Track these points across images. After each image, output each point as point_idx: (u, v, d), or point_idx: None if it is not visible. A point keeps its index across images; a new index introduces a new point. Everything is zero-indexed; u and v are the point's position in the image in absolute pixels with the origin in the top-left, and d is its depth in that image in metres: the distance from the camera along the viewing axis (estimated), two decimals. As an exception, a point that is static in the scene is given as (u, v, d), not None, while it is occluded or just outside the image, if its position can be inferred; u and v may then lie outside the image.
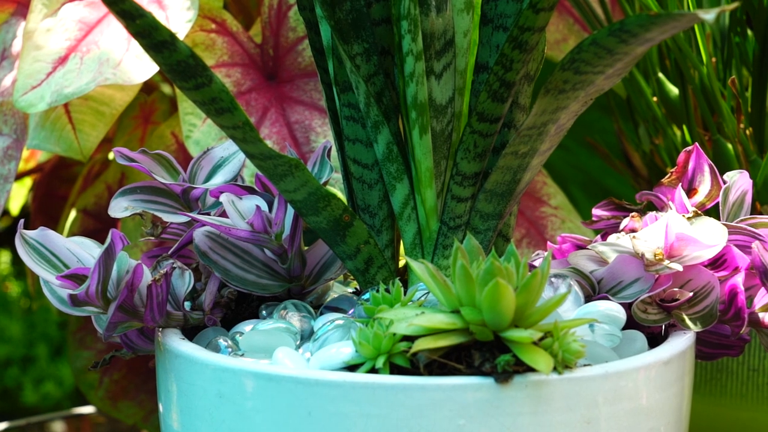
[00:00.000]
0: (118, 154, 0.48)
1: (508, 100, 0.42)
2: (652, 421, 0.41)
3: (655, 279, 0.44)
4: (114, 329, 0.44)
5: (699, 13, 0.34)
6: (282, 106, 0.56)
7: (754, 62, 0.59)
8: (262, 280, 0.46)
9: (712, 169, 0.48)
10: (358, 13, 0.43)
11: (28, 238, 0.45)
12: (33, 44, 0.54)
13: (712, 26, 0.61)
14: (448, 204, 0.44)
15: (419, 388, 0.37)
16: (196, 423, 0.42)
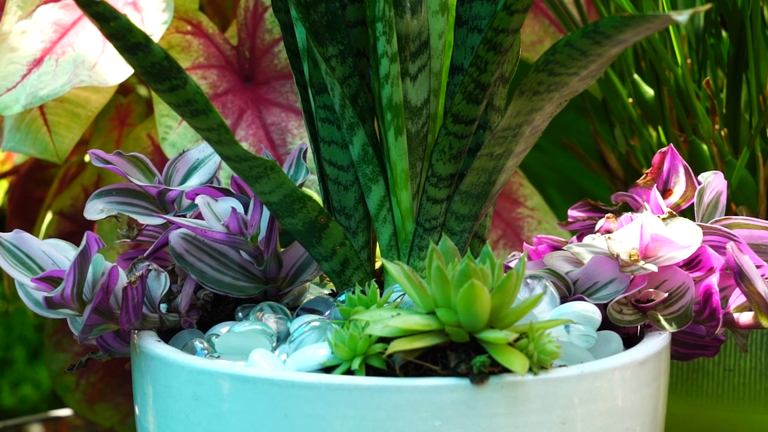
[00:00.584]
0: (93, 156, 0.48)
1: (483, 101, 0.42)
2: (628, 421, 0.41)
3: (631, 280, 0.44)
4: (90, 332, 0.44)
5: (672, 14, 0.34)
6: (258, 108, 0.56)
7: (728, 63, 0.59)
8: (238, 282, 0.46)
9: (687, 170, 0.48)
10: (333, 15, 0.43)
11: (2, 241, 0.44)
12: (8, 46, 0.53)
13: (687, 28, 0.61)
14: (423, 205, 0.44)
15: (395, 389, 0.37)
16: (173, 425, 0.42)
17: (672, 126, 0.61)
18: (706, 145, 0.60)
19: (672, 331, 0.44)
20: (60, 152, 0.57)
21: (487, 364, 0.37)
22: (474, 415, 0.37)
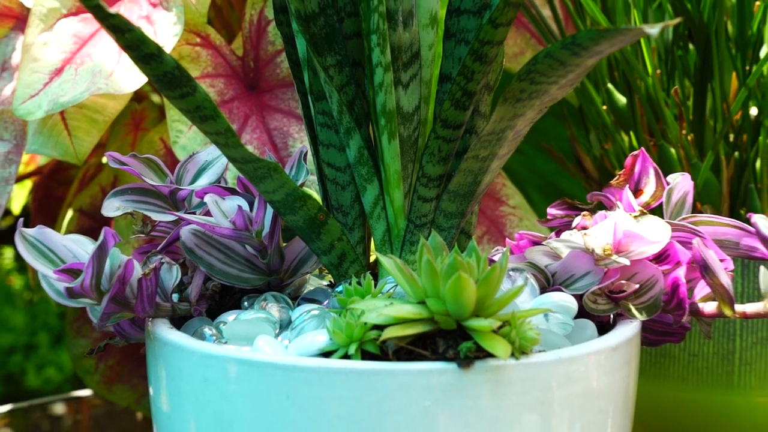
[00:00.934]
0: (110, 158, 0.48)
1: (469, 108, 0.42)
2: (602, 402, 0.41)
3: (604, 272, 0.44)
4: (107, 319, 0.44)
5: (644, 27, 0.34)
6: (262, 114, 0.56)
7: (695, 74, 0.59)
8: (244, 274, 0.46)
9: (657, 171, 0.48)
10: (331, 28, 0.43)
11: (27, 236, 0.44)
12: (31, 57, 0.53)
13: (657, 40, 0.61)
14: (414, 204, 0.44)
15: (388, 372, 0.37)
16: (184, 405, 0.42)
17: (643, 131, 0.61)
18: (674, 148, 0.60)
19: (642, 319, 0.44)
20: (79, 154, 0.56)
21: (473, 349, 0.37)
22: (461, 397, 0.37)
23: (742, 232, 0.46)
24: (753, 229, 0.45)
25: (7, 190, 0.57)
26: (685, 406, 0.59)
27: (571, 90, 0.42)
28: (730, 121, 0.58)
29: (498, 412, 0.38)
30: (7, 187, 0.57)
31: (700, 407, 0.59)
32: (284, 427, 0.38)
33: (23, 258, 0.44)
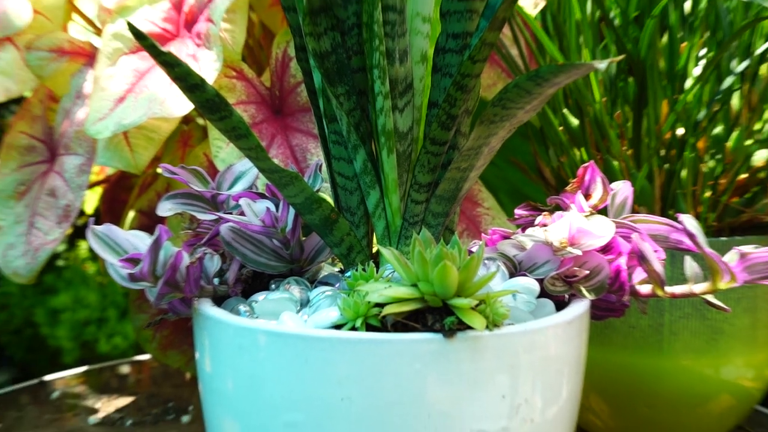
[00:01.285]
0: (164, 169, 0.48)
1: (452, 128, 0.42)
2: (559, 365, 0.41)
3: (561, 261, 0.44)
4: (162, 299, 0.43)
5: (594, 63, 0.34)
6: (286, 134, 0.56)
7: (633, 101, 0.59)
8: (271, 262, 0.46)
9: (603, 180, 0.48)
10: (341, 64, 0.43)
11: (97, 232, 0.44)
12: (99, 87, 0.53)
13: (603, 74, 0.61)
14: (408, 206, 0.44)
15: (387, 341, 0.37)
16: (223, 367, 0.41)
17: (591, 147, 0.62)
18: (616, 161, 0.60)
19: (591, 298, 0.44)
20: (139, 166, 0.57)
21: (455, 323, 0.37)
22: (445, 361, 0.37)
23: (671, 229, 0.46)
24: (680, 226, 0.45)
25: (81, 194, 0.57)
26: (625, 369, 0.59)
27: (534, 114, 0.42)
28: (661, 140, 0.58)
29: (475, 373, 0.38)
30: (81, 192, 0.57)
31: (637, 369, 0.59)
32: (304, 385, 0.38)
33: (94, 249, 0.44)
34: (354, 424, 0.38)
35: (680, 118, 0.58)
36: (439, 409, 0.38)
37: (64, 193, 0.58)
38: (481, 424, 0.38)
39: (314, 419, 0.38)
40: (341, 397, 0.38)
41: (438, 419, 0.38)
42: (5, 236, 0.59)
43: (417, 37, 0.44)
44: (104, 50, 0.55)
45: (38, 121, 0.63)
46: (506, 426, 0.39)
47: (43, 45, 0.60)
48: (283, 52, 0.58)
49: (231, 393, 0.41)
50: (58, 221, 0.58)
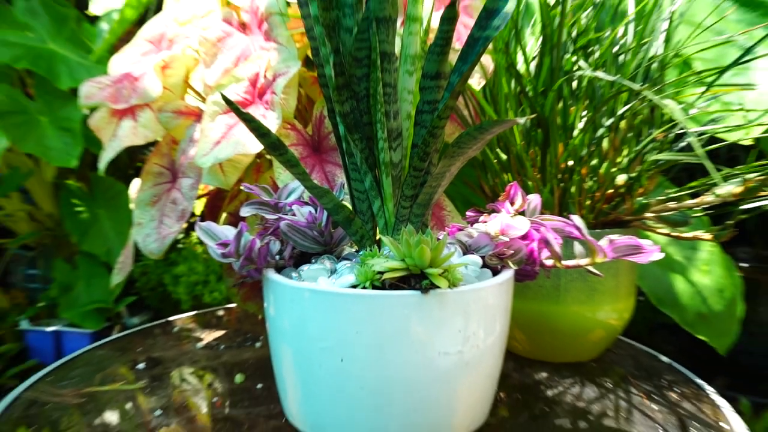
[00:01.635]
0: (245, 186, 0.48)
1: (427, 160, 0.42)
2: (494, 311, 0.41)
3: (496, 245, 0.44)
4: (243, 269, 0.43)
5: (518, 119, 0.33)
6: (321, 164, 0.56)
7: (541, 144, 0.59)
8: (312, 245, 0.46)
9: (522, 193, 0.48)
10: (356, 120, 0.43)
11: (201, 226, 0.44)
12: (204, 135, 0.53)
13: (522, 126, 0.61)
14: (399, 210, 0.44)
15: (385, 295, 0.37)
16: (281, 312, 0.41)
17: (514, 173, 0.61)
18: (530, 182, 0.59)
19: (515, 268, 0.44)
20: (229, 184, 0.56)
21: (429, 284, 0.37)
22: (422, 308, 0.37)
23: (565, 224, 0.45)
24: (571, 222, 0.45)
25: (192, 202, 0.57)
26: (535, 312, 0.59)
27: (479, 151, 0.42)
28: (558, 168, 0.58)
29: (441, 315, 0.38)
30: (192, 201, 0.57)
31: (543, 313, 0.59)
32: (332, 323, 0.38)
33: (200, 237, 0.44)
34: (364, 348, 0.38)
35: (570, 155, 0.58)
36: (418, 339, 0.37)
37: (181, 201, 0.58)
38: (445, 348, 0.38)
39: (338, 345, 0.38)
40: (356, 331, 0.37)
41: (417, 345, 0.38)
42: (144, 229, 0.59)
43: (404, 103, 0.44)
44: (207, 111, 0.54)
45: (165, 156, 0.62)
46: (461, 350, 0.39)
47: (169, 108, 0.60)
48: (320, 113, 0.58)
49: (286, 328, 0.41)
50: (177, 219, 0.57)
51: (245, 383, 0.56)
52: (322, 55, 0.43)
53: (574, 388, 0.55)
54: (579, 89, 0.59)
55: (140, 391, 0.55)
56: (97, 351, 0.66)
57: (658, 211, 0.59)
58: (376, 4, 0.41)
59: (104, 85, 0.61)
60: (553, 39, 0.56)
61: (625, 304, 0.60)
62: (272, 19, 0.57)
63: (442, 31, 0.40)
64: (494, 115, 0.58)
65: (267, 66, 0.55)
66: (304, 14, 0.44)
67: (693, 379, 0.58)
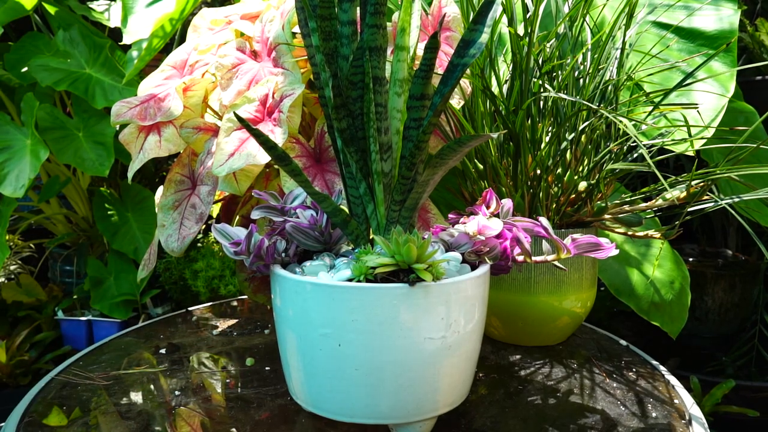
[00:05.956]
0: (255, 192, 0.47)
1: (414, 170, 0.42)
2: (473, 300, 0.41)
3: (474, 243, 0.44)
4: (253, 264, 0.43)
5: (491, 134, 0.33)
6: (322, 173, 0.55)
7: (513, 155, 0.59)
8: (314, 244, 0.46)
9: (497, 198, 0.48)
10: (353, 134, 0.43)
11: (217, 227, 0.44)
12: (220, 148, 0.53)
13: (496, 140, 0.61)
14: (389, 213, 0.44)
15: (377, 288, 0.37)
16: (286, 302, 0.41)
17: (489, 180, 0.61)
18: (504, 188, 0.59)
19: (491, 263, 0.44)
20: (241, 191, 0.56)
21: (415, 277, 0.37)
22: (409, 298, 0.37)
23: (535, 224, 0.45)
24: (539, 223, 0.45)
25: (209, 207, 0.57)
26: (509, 302, 0.59)
27: (459, 161, 0.42)
28: (528, 176, 0.58)
29: (426, 305, 0.37)
30: (209, 206, 0.57)
31: (516, 302, 0.59)
32: (331, 312, 0.38)
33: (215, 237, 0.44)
34: (359, 334, 0.37)
35: (538, 165, 0.58)
36: (405, 326, 0.37)
37: (199, 206, 0.57)
38: (430, 334, 0.38)
39: (336, 331, 0.38)
40: (352, 319, 0.37)
41: (405, 332, 0.37)
42: (167, 230, 0.58)
43: (394, 120, 0.43)
44: (223, 127, 0.54)
45: (186, 167, 0.62)
46: (444, 335, 0.38)
47: (189, 125, 0.59)
48: (321, 129, 0.58)
49: (291, 317, 0.40)
50: (196, 222, 0.57)
51: (255, 366, 0.56)
52: (322, 79, 0.43)
53: (544, 368, 0.55)
54: (545, 108, 0.60)
55: (162, 374, 0.54)
56: (124, 338, 0.65)
57: (615, 213, 0.60)
58: (369, 35, 0.41)
59: (133, 105, 0.60)
60: (522, 65, 0.56)
61: (587, 294, 0.60)
62: (280, 49, 0.57)
63: (426, 59, 0.40)
64: (472, 130, 0.59)
65: (275, 88, 0.54)
66: (307, 44, 0.44)
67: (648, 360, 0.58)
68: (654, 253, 0.80)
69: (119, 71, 1.10)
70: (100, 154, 1.06)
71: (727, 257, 1.17)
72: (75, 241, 1.24)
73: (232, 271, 1.16)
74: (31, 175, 0.96)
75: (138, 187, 1.23)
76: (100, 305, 1.13)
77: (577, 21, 0.60)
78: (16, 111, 1.13)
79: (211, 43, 0.63)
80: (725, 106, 0.66)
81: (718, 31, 0.73)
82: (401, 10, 0.42)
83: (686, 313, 0.77)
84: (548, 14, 0.75)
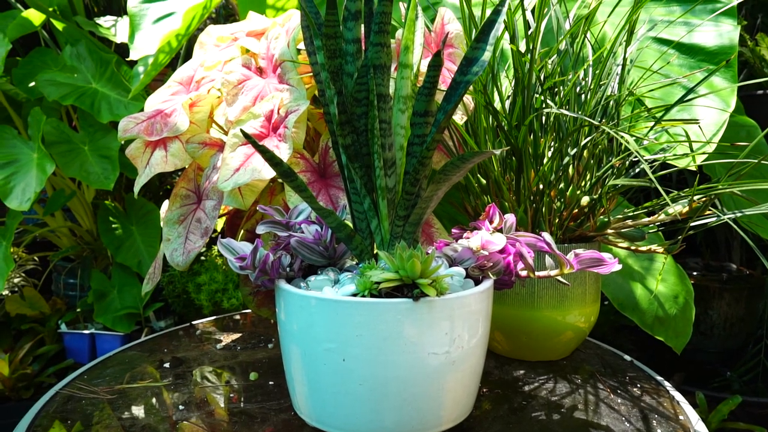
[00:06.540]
0: (260, 207, 0.48)
1: (417, 186, 0.42)
2: (477, 315, 0.41)
3: (477, 258, 0.44)
4: (258, 279, 0.43)
5: (495, 151, 0.34)
6: (327, 188, 0.56)
7: (516, 170, 0.59)
8: (318, 259, 0.46)
9: (500, 213, 0.48)
10: (357, 150, 0.43)
11: (222, 242, 0.44)
12: (225, 163, 0.53)
13: (500, 156, 0.61)
14: (393, 228, 0.44)
15: (382, 303, 0.37)
16: (291, 317, 0.41)
17: (492, 195, 0.62)
18: (507, 203, 0.60)
19: (494, 278, 0.44)
20: (246, 205, 0.56)
21: (419, 292, 0.37)
22: (414, 313, 0.37)
23: (538, 239, 0.46)
24: (542, 238, 0.45)
25: (214, 221, 0.57)
26: (513, 316, 0.59)
27: (462, 177, 0.43)
28: (530, 191, 0.59)
29: (430, 320, 0.38)
30: (215, 220, 0.57)
31: (520, 316, 0.59)
32: (335, 327, 0.38)
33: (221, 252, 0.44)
34: (364, 349, 0.38)
35: (541, 180, 0.58)
36: (410, 341, 0.37)
37: (205, 220, 0.58)
38: (434, 349, 0.38)
39: (341, 346, 0.38)
40: (356, 334, 0.37)
41: (410, 346, 0.38)
42: (172, 244, 0.59)
43: (398, 137, 0.44)
44: (229, 143, 0.55)
45: (192, 181, 0.63)
46: (448, 350, 0.39)
47: (195, 140, 0.60)
48: (325, 144, 0.58)
49: (295, 331, 0.41)
50: (201, 236, 0.57)
51: (259, 380, 0.56)
52: (327, 96, 0.44)
53: (548, 383, 0.55)
54: (547, 124, 0.60)
55: (165, 388, 0.54)
56: (128, 352, 0.65)
57: (618, 227, 0.60)
58: (373, 53, 0.42)
59: (140, 120, 0.61)
60: (525, 81, 0.57)
61: (591, 309, 0.60)
62: (285, 65, 0.58)
63: (429, 77, 0.41)
64: (474, 145, 0.59)
65: (280, 104, 0.55)
66: (312, 62, 0.45)
67: (653, 376, 0.58)
68: (657, 267, 0.80)
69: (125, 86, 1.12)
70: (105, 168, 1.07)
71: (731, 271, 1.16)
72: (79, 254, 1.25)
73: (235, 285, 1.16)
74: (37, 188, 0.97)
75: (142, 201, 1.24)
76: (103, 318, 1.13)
77: (579, 38, 0.60)
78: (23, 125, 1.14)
79: (217, 60, 0.64)
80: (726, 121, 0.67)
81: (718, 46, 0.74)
82: (405, 29, 0.43)
83: (691, 327, 0.77)
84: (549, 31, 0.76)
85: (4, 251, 1.00)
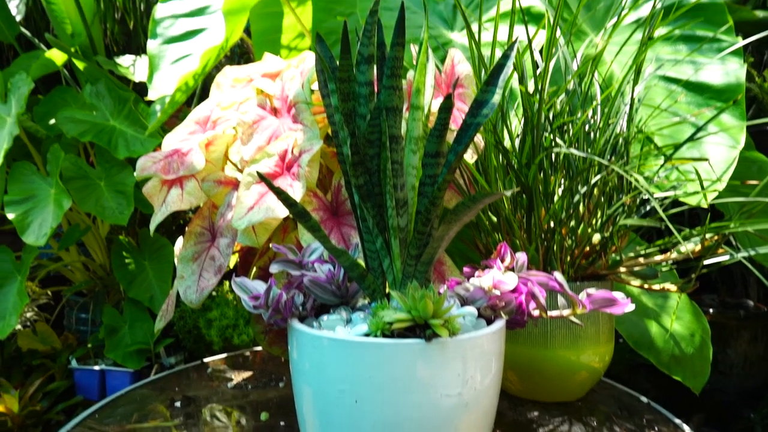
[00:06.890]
0: (273, 246, 0.48)
1: (429, 225, 0.43)
2: (489, 356, 0.41)
3: (489, 297, 0.44)
4: (271, 318, 0.43)
5: (505, 192, 0.35)
6: (339, 227, 0.56)
7: (526, 208, 0.60)
8: (331, 298, 0.46)
9: (511, 251, 0.49)
10: (369, 191, 0.44)
11: (236, 281, 0.45)
12: (240, 201, 0.54)
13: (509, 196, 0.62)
14: (405, 267, 0.44)
15: (394, 343, 0.37)
16: (303, 356, 0.41)
17: (503, 233, 0.62)
18: (518, 241, 0.60)
19: (506, 318, 0.44)
20: (259, 243, 0.57)
21: (432, 333, 0.37)
22: (427, 353, 0.37)
23: (549, 278, 0.46)
24: (554, 277, 0.45)
25: (228, 259, 0.58)
26: (526, 356, 0.58)
27: (474, 216, 0.43)
28: (541, 229, 0.59)
29: (443, 360, 0.38)
30: (228, 258, 0.58)
31: (533, 356, 0.58)
32: (347, 368, 0.38)
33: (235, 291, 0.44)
34: (376, 390, 0.37)
35: (551, 218, 0.59)
36: (422, 382, 0.37)
37: (218, 258, 0.58)
38: (447, 390, 0.38)
39: (353, 387, 0.38)
40: (369, 375, 0.37)
41: (422, 387, 0.37)
42: (185, 281, 0.59)
43: (410, 177, 0.45)
44: (243, 181, 0.56)
45: (206, 219, 0.64)
46: (461, 392, 0.38)
47: (211, 178, 0.61)
48: (338, 183, 0.59)
49: (307, 371, 0.41)
50: (215, 274, 0.58)
51: (270, 421, 0.55)
52: (340, 137, 0.45)
53: (563, 426, 0.54)
54: (557, 162, 0.61)
55: (175, 428, 0.54)
56: (139, 390, 0.65)
57: (630, 266, 0.60)
58: (385, 96, 0.43)
59: (157, 159, 0.63)
60: (534, 120, 0.58)
61: (605, 348, 0.60)
62: (299, 106, 0.60)
63: (440, 119, 0.42)
64: (485, 184, 0.60)
65: (294, 144, 0.57)
66: (326, 104, 0.47)
67: (671, 419, 0.57)
68: (672, 305, 0.79)
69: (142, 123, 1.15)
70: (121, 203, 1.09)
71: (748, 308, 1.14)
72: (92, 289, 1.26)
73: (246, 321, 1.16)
74: (54, 223, 0.99)
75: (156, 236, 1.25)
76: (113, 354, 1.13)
77: (587, 77, 0.62)
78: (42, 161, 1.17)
79: (233, 100, 0.66)
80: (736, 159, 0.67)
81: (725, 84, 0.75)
82: (416, 72, 0.44)
83: (709, 367, 0.75)
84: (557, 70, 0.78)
85: (19, 286, 1.02)
